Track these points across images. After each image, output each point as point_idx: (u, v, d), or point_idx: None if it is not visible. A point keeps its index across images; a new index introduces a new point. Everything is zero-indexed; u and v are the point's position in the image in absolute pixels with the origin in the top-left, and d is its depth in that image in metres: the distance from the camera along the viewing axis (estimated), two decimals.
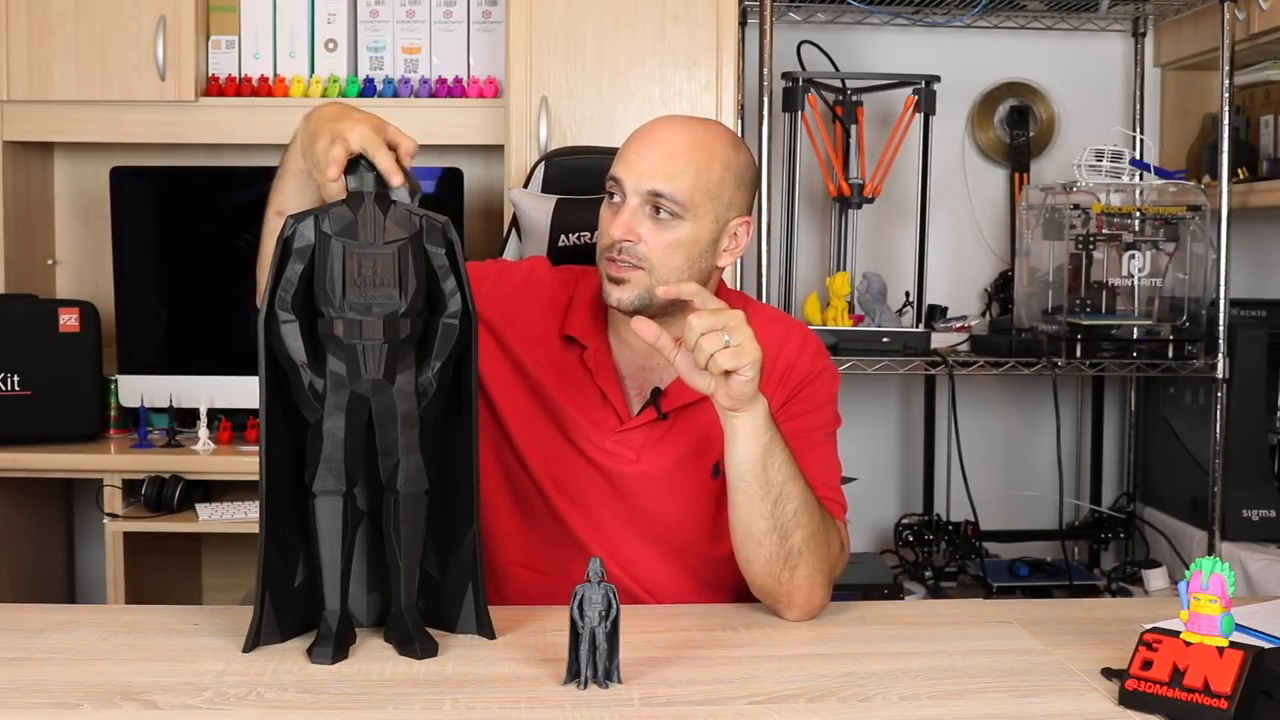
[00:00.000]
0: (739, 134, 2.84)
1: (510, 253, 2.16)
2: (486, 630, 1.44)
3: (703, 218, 1.60)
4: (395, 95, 2.98)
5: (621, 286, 1.60)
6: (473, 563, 1.44)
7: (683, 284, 1.50)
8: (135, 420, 2.92)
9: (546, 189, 2.16)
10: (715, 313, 1.43)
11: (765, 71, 2.79)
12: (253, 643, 1.38)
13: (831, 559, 1.56)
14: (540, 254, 2.09)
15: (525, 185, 2.21)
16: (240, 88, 2.97)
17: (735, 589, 1.64)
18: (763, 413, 1.47)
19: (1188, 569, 1.25)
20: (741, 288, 2.86)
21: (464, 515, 1.44)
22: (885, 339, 2.87)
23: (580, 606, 1.27)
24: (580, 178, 2.15)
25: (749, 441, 1.48)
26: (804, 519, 1.51)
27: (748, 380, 1.43)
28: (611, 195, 1.62)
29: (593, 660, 1.28)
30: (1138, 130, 3.29)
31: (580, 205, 2.07)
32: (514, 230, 2.15)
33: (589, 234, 2.02)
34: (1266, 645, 1.30)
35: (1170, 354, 2.90)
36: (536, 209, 2.05)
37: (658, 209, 1.58)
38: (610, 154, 2.23)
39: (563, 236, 2.01)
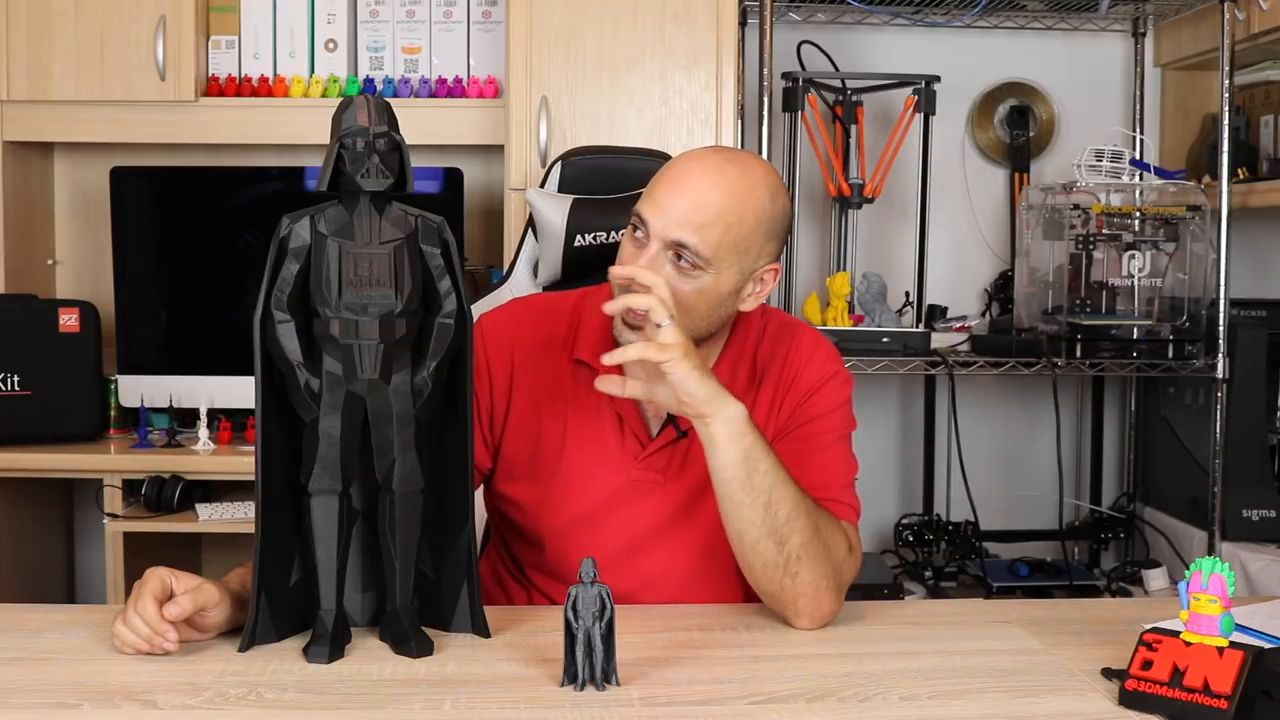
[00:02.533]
0: (739, 134, 2.86)
1: (527, 253, 2.15)
2: (481, 629, 1.44)
3: (726, 270, 1.55)
4: (395, 95, 2.98)
5: (637, 334, 1.55)
6: (468, 561, 1.44)
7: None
8: (135, 420, 2.92)
9: (563, 189, 2.16)
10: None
11: (765, 71, 2.79)
12: (249, 642, 1.38)
13: (836, 563, 1.54)
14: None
15: (542, 185, 2.20)
16: (240, 88, 2.97)
17: None
18: (739, 419, 1.46)
19: (1188, 569, 1.25)
20: None
21: (459, 514, 1.44)
22: (885, 339, 2.87)
23: (574, 607, 1.27)
24: (596, 178, 2.15)
25: (728, 448, 1.47)
26: (799, 524, 1.49)
27: (676, 377, 1.44)
28: (635, 229, 1.57)
29: (589, 662, 1.27)
30: (1138, 130, 3.28)
31: (596, 206, 2.07)
32: (530, 230, 2.14)
33: (604, 234, 2.02)
34: (1266, 645, 1.30)
35: (1170, 354, 2.90)
36: (552, 209, 2.05)
37: (680, 256, 1.53)
38: (626, 155, 2.22)
39: (579, 237, 2.01)
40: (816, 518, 1.52)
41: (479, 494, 1.67)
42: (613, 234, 2.01)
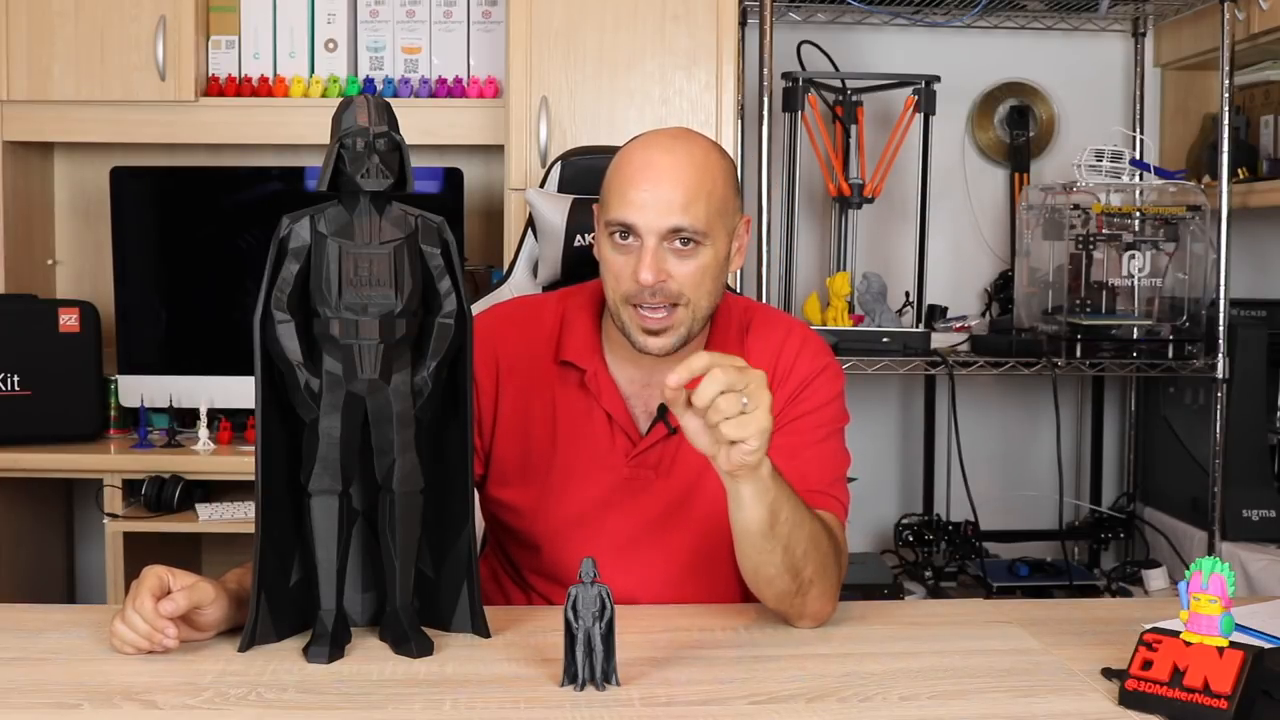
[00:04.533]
0: (739, 134, 2.86)
1: (526, 253, 2.15)
2: (481, 629, 1.44)
3: (718, 236, 1.58)
4: (395, 95, 2.98)
5: (661, 336, 1.56)
6: (468, 561, 1.44)
7: (691, 363, 1.33)
8: (135, 420, 2.92)
9: (563, 189, 2.16)
10: (739, 371, 1.31)
11: (765, 71, 2.79)
12: (249, 642, 1.38)
13: (837, 572, 1.54)
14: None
15: (541, 185, 2.20)
16: (240, 88, 2.97)
17: None
18: (766, 475, 1.41)
19: (1188, 569, 1.25)
20: (741, 288, 2.86)
21: (459, 514, 1.44)
22: (885, 339, 2.87)
23: (574, 607, 1.27)
24: (596, 178, 2.13)
25: (754, 505, 1.42)
26: (813, 553, 1.48)
27: (751, 451, 1.33)
28: (624, 236, 1.57)
29: (589, 663, 1.27)
30: (1138, 130, 3.28)
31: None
32: (529, 230, 2.14)
33: None
34: (1266, 645, 1.30)
35: (1170, 354, 2.90)
36: (552, 209, 2.05)
37: (678, 241, 1.54)
38: None
39: (578, 237, 2.01)
40: (824, 542, 1.50)
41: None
42: (610, 277, 2.00)
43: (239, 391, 2.91)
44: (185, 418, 2.95)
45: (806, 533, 1.47)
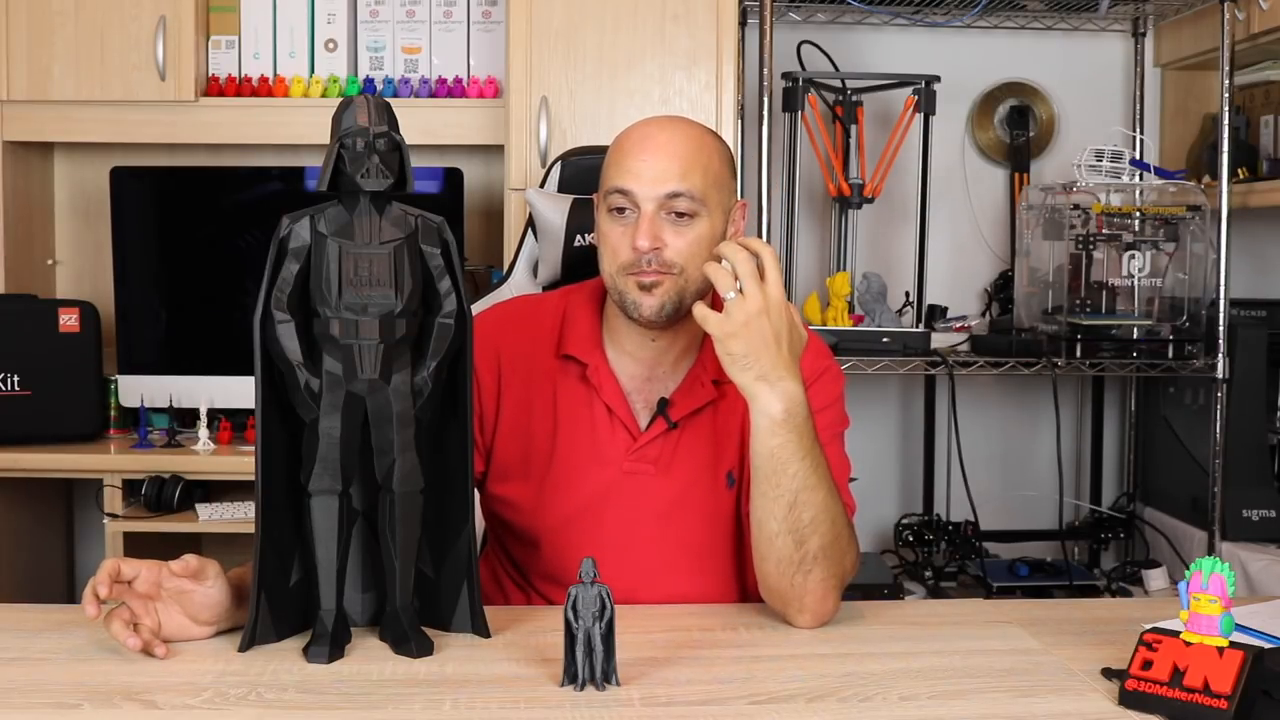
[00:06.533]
0: (739, 134, 2.86)
1: (526, 253, 2.15)
2: (481, 629, 1.44)
3: (715, 210, 1.60)
4: (395, 95, 2.98)
5: (653, 293, 1.58)
6: (468, 561, 1.43)
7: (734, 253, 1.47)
8: (135, 420, 2.92)
9: (563, 189, 2.16)
10: (745, 265, 1.44)
11: (765, 71, 2.79)
12: (249, 642, 1.38)
13: (846, 566, 1.54)
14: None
15: (541, 185, 2.21)
16: (240, 88, 2.97)
17: None
18: (774, 414, 1.45)
19: (1188, 569, 1.25)
20: None
21: (459, 514, 1.44)
22: (885, 339, 2.87)
23: (574, 607, 1.27)
24: (596, 178, 2.14)
25: (759, 438, 1.47)
26: (822, 528, 1.49)
27: (718, 352, 1.45)
28: (621, 210, 1.59)
29: (589, 662, 1.27)
30: (1138, 130, 3.28)
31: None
32: (529, 230, 2.14)
33: None
34: (1266, 645, 1.30)
35: (1170, 354, 2.90)
36: (552, 209, 2.05)
37: (674, 212, 1.57)
38: None
39: (578, 236, 2.01)
40: (840, 525, 1.52)
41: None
42: (606, 251, 2.01)
43: (239, 391, 2.91)
44: (185, 418, 2.95)
45: (819, 501, 1.48)
